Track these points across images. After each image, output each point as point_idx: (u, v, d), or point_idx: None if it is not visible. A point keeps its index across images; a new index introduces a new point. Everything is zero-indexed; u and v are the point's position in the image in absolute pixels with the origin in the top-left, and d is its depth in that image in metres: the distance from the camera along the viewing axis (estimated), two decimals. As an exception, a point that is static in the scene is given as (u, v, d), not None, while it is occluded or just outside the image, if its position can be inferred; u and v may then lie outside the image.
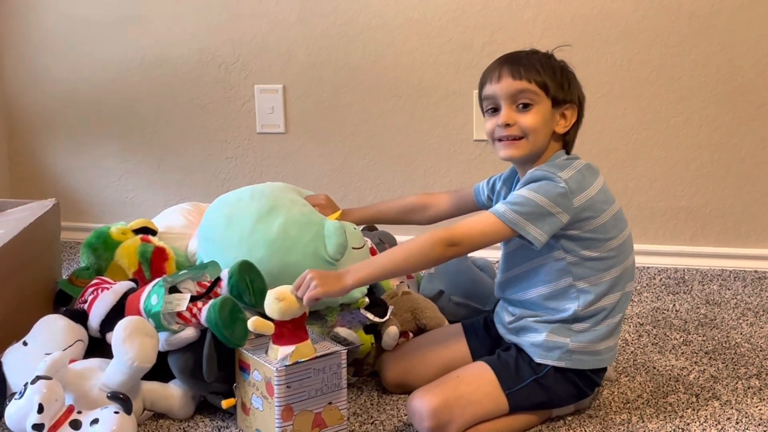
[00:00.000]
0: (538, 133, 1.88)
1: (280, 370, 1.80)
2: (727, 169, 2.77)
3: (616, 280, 1.90)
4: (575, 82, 1.93)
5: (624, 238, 1.91)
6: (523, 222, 1.81)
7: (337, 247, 2.01)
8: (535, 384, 1.89)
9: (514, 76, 1.89)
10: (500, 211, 1.83)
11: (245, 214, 2.06)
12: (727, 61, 2.71)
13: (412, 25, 2.83)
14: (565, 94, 1.90)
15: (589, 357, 1.90)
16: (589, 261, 1.87)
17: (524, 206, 1.81)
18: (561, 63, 1.94)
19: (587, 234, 1.85)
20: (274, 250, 2.01)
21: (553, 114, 1.89)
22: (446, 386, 1.88)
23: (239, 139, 3.01)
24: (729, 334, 2.35)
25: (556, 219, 1.82)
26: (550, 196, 1.81)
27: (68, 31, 3.04)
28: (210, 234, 2.10)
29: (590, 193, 1.85)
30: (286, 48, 2.92)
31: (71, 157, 3.12)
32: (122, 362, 1.86)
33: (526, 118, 1.88)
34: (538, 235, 1.82)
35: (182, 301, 1.92)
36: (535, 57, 1.92)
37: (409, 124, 2.90)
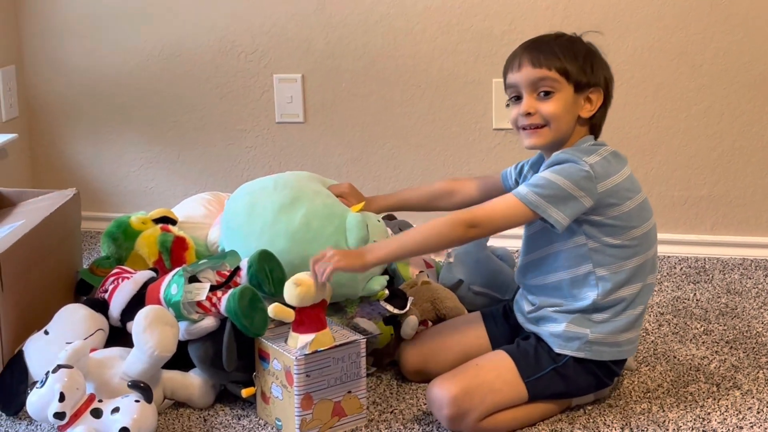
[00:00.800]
0: (561, 120, 1.87)
1: (300, 359, 1.81)
2: (748, 158, 2.75)
3: (638, 270, 1.89)
4: (600, 63, 1.91)
5: (648, 228, 1.90)
6: (544, 204, 1.81)
7: (358, 240, 2.00)
8: (554, 373, 1.89)
9: (534, 64, 1.88)
10: (522, 193, 1.82)
11: (268, 203, 2.05)
12: (749, 49, 2.68)
13: (431, 13, 2.82)
14: (589, 77, 1.88)
15: (608, 348, 1.89)
16: (611, 248, 1.86)
17: (546, 188, 1.81)
18: (587, 45, 1.92)
19: (610, 221, 1.84)
20: (295, 241, 2.00)
21: (576, 99, 1.88)
22: (466, 374, 1.88)
23: (258, 129, 3.01)
24: (750, 324, 2.34)
25: (579, 203, 1.81)
26: (573, 179, 1.80)
27: (88, 21, 3.04)
28: (232, 222, 2.10)
29: (616, 180, 1.84)
30: (305, 37, 2.92)
31: (91, 147, 3.13)
32: (143, 351, 1.86)
33: (548, 105, 1.87)
34: (560, 218, 1.81)
35: (202, 290, 1.93)
36: (557, 42, 1.90)
37: (428, 113, 2.90)
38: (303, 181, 2.12)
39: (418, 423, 1.93)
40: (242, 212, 2.09)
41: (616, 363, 1.94)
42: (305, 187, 2.09)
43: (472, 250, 2.36)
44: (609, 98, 1.93)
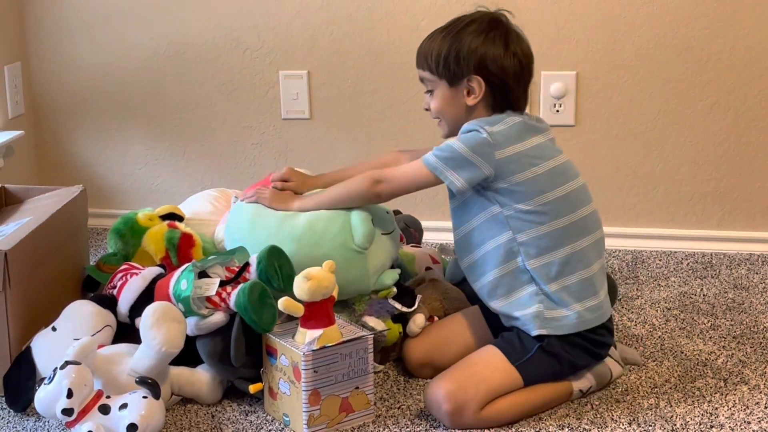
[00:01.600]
0: (446, 113, 2.00)
1: (307, 354, 1.81)
2: (755, 153, 2.75)
3: (562, 234, 1.91)
4: (470, 49, 1.92)
5: (563, 192, 1.92)
6: (442, 167, 1.90)
7: (364, 237, 2.02)
8: (541, 352, 1.92)
9: (417, 64, 2.01)
10: (427, 157, 1.93)
11: (270, 213, 2.09)
12: (755, 44, 2.68)
13: (436, 9, 2.82)
14: (455, 70, 1.94)
15: (567, 321, 1.91)
16: (525, 214, 1.90)
17: (446, 152, 1.91)
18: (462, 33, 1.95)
19: (516, 187, 1.89)
20: (302, 244, 2.02)
21: (455, 92, 1.96)
22: (458, 371, 1.92)
23: (264, 125, 3.01)
24: (757, 319, 2.34)
25: (477, 168, 1.88)
26: (471, 145, 1.88)
27: (94, 18, 3.04)
28: (236, 235, 2.13)
29: (518, 148, 1.89)
30: (311, 33, 2.92)
31: (98, 143, 3.13)
32: (150, 347, 1.87)
33: (433, 102, 2.01)
34: (456, 181, 1.89)
35: (212, 285, 1.93)
36: (434, 37, 1.98)
37: (434, 109, 2.89)
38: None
39: (425, 419, 1.93)
40: (245, 223, 2.12)
41: (597, 332, 1.94)
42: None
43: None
44: (497, 78, 1.94)
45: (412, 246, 2.48)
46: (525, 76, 1.98)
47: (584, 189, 1.98)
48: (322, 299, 1.85)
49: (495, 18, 1.98)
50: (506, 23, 1.98)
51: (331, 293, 1.86)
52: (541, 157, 1.91)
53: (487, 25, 1.96)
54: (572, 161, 1.99)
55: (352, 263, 2.02)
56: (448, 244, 2.64)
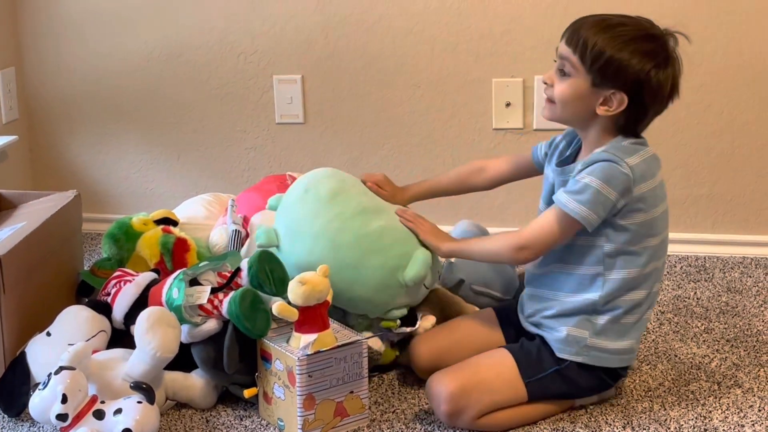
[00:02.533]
0: (566, 105, 1.84)
1: (302, 359, 1.81)
2: (748, 156, 2.76)
3: (645, 278, 1.87)
4: (633, 69, 1.78)
5: (663, 238, 1.89)
6: (593, 218, 1.79)
7: (416, 277, 1.99)
8: (556, 375, 1.89)
9: (568, 41, 1.84)
10: (567, 205, 1.80)
11: (353, 198, 2.03)
12: (749, 47, 2.69)
13: (430, 13, 2.82)
14: (607, 78, 1.79)
15: (608, 355, 1.89)
16: (626, 255, 1.84)
17: (592, 198, 1.78)
18: (639, 46, 1.80)
19: (634, 226, 1.82)
20: (359, 244, 1.99)
21: (592, 93, 1.81)
22: (465, 371, 1.88)
23: (258, 130, 3.01)
24: (751, 322, 2.34)
25: (612, 203, 1.79)
26: (615, 185, 1.78)
27: (87, 22, 3.04)
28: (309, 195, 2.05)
29: (651, 184, 1.82)
30: (304, 38, 2.92)
31: (92, 148, 3.13)
32: (145, 352, 1.87)
33: (559, 86, 1.84)
34: (593, 220, 1.80)
35: (203, 293, 1.93)
36: (607, 29, 1.81)
37: (428, 113, 2.90)
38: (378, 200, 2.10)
39: (420, 423, 1.93)
40: (326, 192, 2.03)
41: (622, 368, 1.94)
42: (386, 204, 2.09)
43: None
44: (644, 106, 1.83)
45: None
46: (663, 109, 1.88)
47: (667, 237, 1.92)
48: (317, 304, 1.85)
49: (672, 47, 1.86)
50: (678, 56, 1.86)
51: (325, 297, 1.86)
52: (662, 197, 1.85)
53: (663, 50, 1.83)
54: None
55: (386, 289, 2.00)
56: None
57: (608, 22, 1.83)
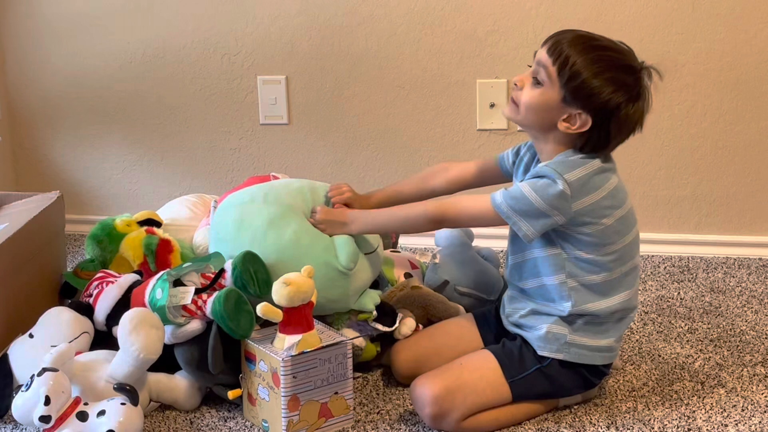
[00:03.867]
0: (531, 113, 1.84)
1: (286, 360, 1.80)
2: (731, 157, 2.77)
3: (613, 284, 1.89)
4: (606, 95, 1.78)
5: (627, 242, 1.89)
6: (515, 216, 1.83)
7: (348, 257, 2.00)
8: (538, 373, 1.89)
9: (549, 51, 1.82)
10: (497, 201, 1.84)
11: (257, 217, 2.04)
12: (732, 48, 2.70)
13: (414, 14, 2.82)
14: (578, 98, 1.79)
15: (588, 352, 1.90)
16: (585, 262, 1.86)
17: (520, 202, 1.81)
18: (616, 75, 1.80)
19: (585, 237, 1.84)
20: (285, 257, 1.99)
21: (560, 107, 1.81)
22: (449, 374, 1.89)
23: (242, 131, 3.01)
24: (734, 322, 2.35)
25: (551, 219, 1.81)
26: (547, 198, 1.79)
27: (70, 22, 3.03)
28: (222, 233, 2.09)
29: (594, 197, 1.82)
30: (289, 38, 2.91)
31: (75, 149, 3.12)
32: (128, 354, 1.86)
33: (529, 91, 1.84)
34: (528, 231, 1.83)
35: (187, 294, 1.92)
36: (592, 49, 1.81)
37: (412, 114, 2.90)
38: (294, 196, 2.10)
39: (405, 423, 1.93)
40: (231, 224, 2.07)
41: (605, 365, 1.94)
42: (295, 204, 2.08)
43: (458, 250, 2.36)
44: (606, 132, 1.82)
45: (391, 251, 2.48)
46: (625, 140, 1.87)
47: (638, 238, 1.93)
48: (301, 304, 1.85)
49: (646, 82, 1.85)
50: (648, 88, 1.85)
51: (310, 298, 1.86)
52: (612, 207, 1.84)
53: (637, 85, 1.82)
54: (633, 206, 1.93)
55: (334, 283, 2.01)
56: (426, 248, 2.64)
57: (593, 43, 1.83)
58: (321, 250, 2.01)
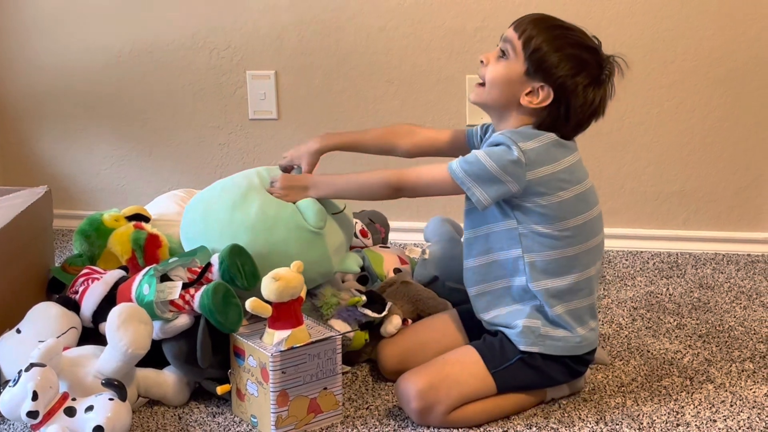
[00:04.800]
0: (495, 87, 1.88)
1: (276, 355, 1.80)
2: (719, 153, 2.78)
3: (572, 261, 1.89)
4: (572, 72, 1.83)
5: (584, 220, 1.89)
6: (469, 182, 1.84)
7: (316, 215, 2.03)
8: (521, 363, 1.90)
9: (515, 26, 1.88)
10: (452, 167, 1.86)
11: (220, 205, 2.07)
12: (720, 45, 2.70)
13: (403, 10, 2.82)
14: (540, 70, 1.83)
15: (562, 344, 1.90)
16: (541, 236, 1.87)
17: (475, 166, 1.84)
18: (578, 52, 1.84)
19: (540, 209, 1.85)
20: (257, 232, 2.01)
21: (523, 80, 1.85)
22: (432, 368, 1.90)
23: (231, 126, 3.00)
24: (722, 318, 2.36)
25: (504, 186, 1.83)
26: (501, 163, 1.82)
27: (58, 17, 3.02)
28: (190, 232, 2.11)
29: (549, 170, 1.84)
30: (278, 33, 2.91)
31: (63, 144, 3.11)
32: (116, 349, 1.85)
33: (494, 66, 1.88)
34: (482, 197, 1.84)
35: (174, 289, 1.92)
36: (558, 29, 1.87)
37: (401, 110, 2.90)
38: (249, 177, 2.13)
39: (394, 419, 1.93)
40: (198, 219, 2.10)
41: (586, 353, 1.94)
42: (251, 182, 2.10)
43: (447, 246, 2.36)
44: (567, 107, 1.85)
45: (380, 247, 2.47)
46: (586, 125, 1.90)
47: (600, 218, 1.94)
48: (290, 300, 1.84)
49: (609, 67, 1.89)
50: (612, 79, 1.90)
51: (299, 294, 1.86)
52: (569, 181, 1.86)
53: (598, 66, 1.87)
54: (594, 185, 1.94)
55: (310, 244, 2.02)
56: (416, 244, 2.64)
57: (558, 23, 1.90)
58: (289, 215, 2.03)
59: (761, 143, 2.75)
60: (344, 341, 2.03)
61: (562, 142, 1.87)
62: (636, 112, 2.79)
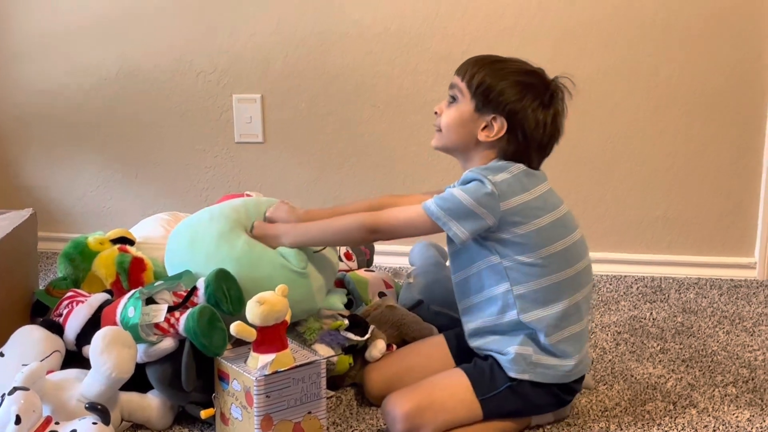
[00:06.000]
0: (451, 131, 1.93)
1: (260, 379, 1.80)
2: (702, 179, 2.79)
3: (559, 288, 1.90)
4: (513, 95, 1.87)
5: (564, 246, 1.90)
6: (445, 217, 1.86)
7: (296, 257, 2.05)
8: (509, 391, 1.90)
9: (458, 71, 1.94)
10: (428, 205, 1.88)
11: (207, 234, 2.07)
12: (702, 72, 2.73)
13: (390, 34, 2.84)
14: (488, 103, 1.88)
15: (553, 372, 1.90)
16: (525, 266, 1.88)
17: (449, 202, 1.86)
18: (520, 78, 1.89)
19: (518, 239, 1.86)
20: (242, 265, 2.01)
21: (475, 117, 1.90)
22: (420, 391, 1.90)
23: (217, 149, 3.00)
24: (706, 342, 2.37)
25: (481, 219, 1.84)
26: (476, 197, 1.84)
27: (44, 41, 3.02)
28: (175, 259, 2.10)
29: (523, 199, 1.86)
30: (264, 57, 2.92)
31: (48, 166, 3.10)
32: (100, 373, 1.85)
33: (446, 112, 1.94)
34: (459, 232, 1.85)
35: (160, 312, 1.91)
36: (494, 62, 1.92)
37: (387, 133, 2.91)
38: (238, 211, 2.13)
39: (378, 443, 1.93)
40: (184, 247, 2.10)
41: (574, 381, 1.95)
42: (239, 218, 2.11)
43: (432, 270, 2.37)
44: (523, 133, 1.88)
45: (365, 270, 2.48)
46: (548, 148, 1.93)
47: (582, 242, 1.95)
48: (275, 323, 1.84)
49: (555, 86, 1.91)
50: (561, 97, 1.92)
51: (284, 317, 1.86)
52: (544, 209, 1.88)
53: (543, 87, 1.90)
54: (572, 212, 1.96)
55: (294, 284, 2.02)
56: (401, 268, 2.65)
57: (496, 58, 1.95)
58: (274, 254, 2.04)
59: (743, 169, 2.77)
60: (328, 365, 2.03)
61: (531, 172, 1.90)
62: (619, 138, 2.81)
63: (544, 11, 2.76)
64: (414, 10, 2.81)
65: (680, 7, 2.69)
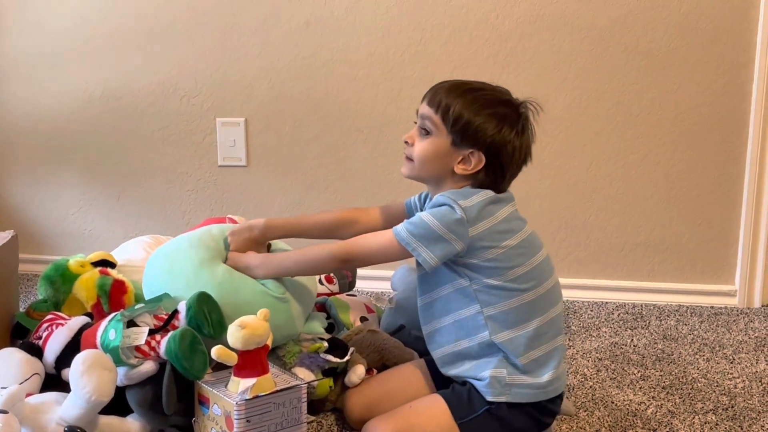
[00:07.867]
0: (424, 163, 1.92)
1: (240, 404, 1.79)
2: (683, 206, 2.81)
3: (529, 307, 1.90)
4: (492, 129, 1.86)
5: (532, 266, 1.91)
6: (415, 243, 1.86)
7: (275, 284, 2.06)
8: (487, 414, 1.90)
9: (429, 102, 1.92)
10: (397, 230, 1.88)
11: (187, 261, 2.07)
12: (684, 99, 2.75)
13: (374, 59, 2.85)
14: (466, 138, 1.87)
15: (529, 390, 1.90)
16: (495, 289, 1.88)
17: (419, 228, 1.86)
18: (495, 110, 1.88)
19: (487, 263, 1.87)
20: (223, 291, 2.01)
21: (452, 151, 1.89)
22: (398, 417, 1.89)
23: (200, 172, 3.00)
24: (686, 369, 2.37)
25: (450, 245, 1.84)
26: (445, 222, 1.84)
27: (28, 62, 3.02)
28: (154, 287, 2.09)
29: (489, 223, 1.86)
30: (248, 81, 2.93)
31: (29, 188, 3.10)
32: (80, 396, 1.84)
33: (420, 143, 1.92)
34: (428, 257, 1.85)
35: (141, 334, 1.91)
36: (469, 93, 1.90)
37: (371, 158, 2.92)
38: (216, 240, 2.13)
39: (359, 469, 1.92)
40: (162, 275, 2.09)
41: (552, 401, 1.95)
42: (217, 248, 2.11)
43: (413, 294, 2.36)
44: (501, 165, 1.89)
45: (347, 295, 2.48)
46: (518, 171, 1.94)
47: (548, 260, 1.96)
48: (256, 348, 1.84)
49: (524, 112, 1.92)
50: (530, 120, 1.93)
51: (265, 342, 1.86)
52: (510, 231, 1.89)
53: (518, 116, 1.90)
54: (536, 232, 1.96)
55: (275, 309, 2.01)
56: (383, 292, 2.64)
57: (467, 87, 1.92)
58: (254, 281, 2.05)
59: (724, 196, 2.79)
60: (308, 389, 2.02)
61: (498, 197, 1.90)
62: (601, 164, 2.83)
63: (528, 38, 2.78)
64: (398, 35, 2.83)
65: (663, 34, 2.72)
